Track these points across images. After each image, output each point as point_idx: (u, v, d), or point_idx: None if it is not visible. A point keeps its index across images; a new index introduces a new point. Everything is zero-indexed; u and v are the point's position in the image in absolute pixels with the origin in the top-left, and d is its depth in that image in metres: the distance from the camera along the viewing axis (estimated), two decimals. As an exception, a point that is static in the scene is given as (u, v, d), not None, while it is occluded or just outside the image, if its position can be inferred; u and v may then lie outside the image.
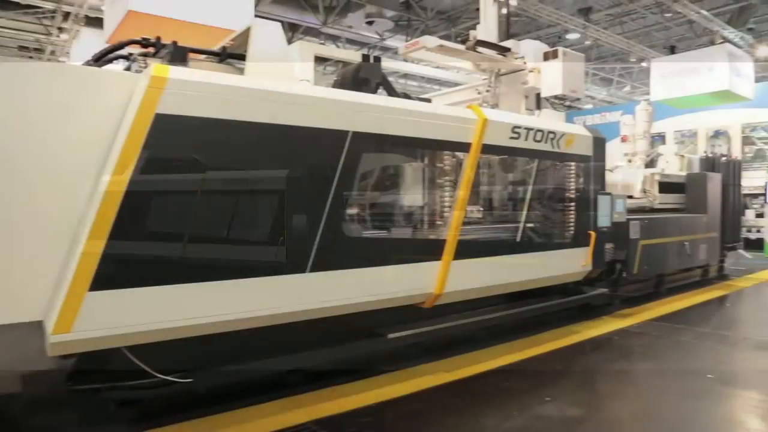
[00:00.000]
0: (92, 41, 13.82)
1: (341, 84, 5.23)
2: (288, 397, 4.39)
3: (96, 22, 14.56)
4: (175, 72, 3.67)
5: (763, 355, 5.75)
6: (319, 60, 6.16)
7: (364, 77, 5.20)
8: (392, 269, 4.81)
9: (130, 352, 3.69)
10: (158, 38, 4.49)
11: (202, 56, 4.85)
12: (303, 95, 4.25)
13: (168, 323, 3.64)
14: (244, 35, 4.72)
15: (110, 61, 4.44)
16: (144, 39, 4.49)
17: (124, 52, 4.48)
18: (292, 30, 19.44)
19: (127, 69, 4.27)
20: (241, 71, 4.63)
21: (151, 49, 4.48)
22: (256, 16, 8.42)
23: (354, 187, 4.88)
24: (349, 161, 4.47)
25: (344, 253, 4.51)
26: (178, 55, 4.24)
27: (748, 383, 4.97)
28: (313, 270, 4.27)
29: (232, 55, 4.88)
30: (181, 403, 4.14)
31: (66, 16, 15.72)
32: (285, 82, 4.30)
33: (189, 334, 3.81)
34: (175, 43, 4.31)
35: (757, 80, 19.06)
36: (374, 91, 5.28)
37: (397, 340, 5.04)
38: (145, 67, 3.92)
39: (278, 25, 4.69)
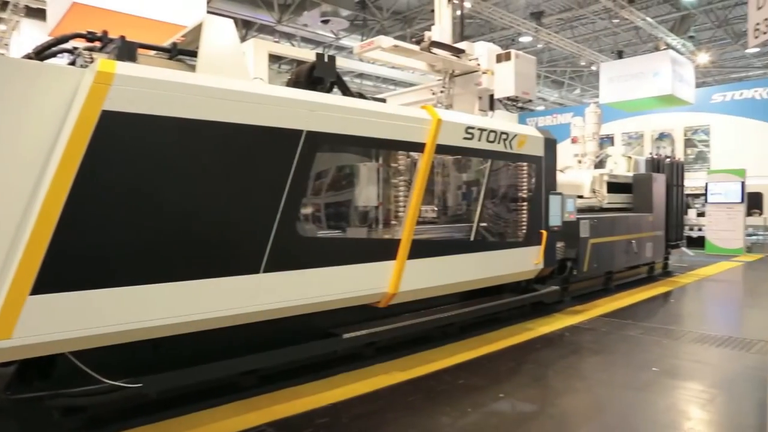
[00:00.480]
0: (33, 33, 13.31)
1: (295, 83, 5.18)
2: (242, 400, 4.33)
3: (38, 14, 14.02)
4: (123, 68, 3.56)
5: (703, 347, 5.97)
6: (274, 58, 6.09)
7: (318, 76, 5.15)
8: (347, 269, 4.79)
9: (76, 358, 3.56)
10: (105, 32, 4.34)
11: (152, 52, 4.72)
12: (256, 93, 4.18)
13: (116, 327, 3.53)
14: (196, 31, 4.61)
15: (53, 54, 4.27)
16: (90, 32, 4.33)
17: (68, 45, 4.31)
18: (246, 27, 19.19)
19: (72, 64, 4.11)
20: (192, 68, 4.52)
21: (97, 44, 4.32)
22: (208, 12, 8.27)
23: (308, 187, 4.83)
24: (303, 161, 4.43)
25: (299, 253, 4.47)
26: (126, 51, 4.10)
27: (690, 375, 5.15)
28: (266, 270, 4.21)
29: (183, 51, 4.77)
30: (131, 408, 4.02)
31: (4, 5, 15.07)
32: (238, 80, 4.22)
33: (138, 337, 3.70)
34: (122, 37, 4.17)
35: (698, 86, 19.85)
36: (329, 91, 5.24)
37: (353, 340, 5.02)
38: (91, 62, 3.79)
39: (231, 21, 4.60)
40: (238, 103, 4.05)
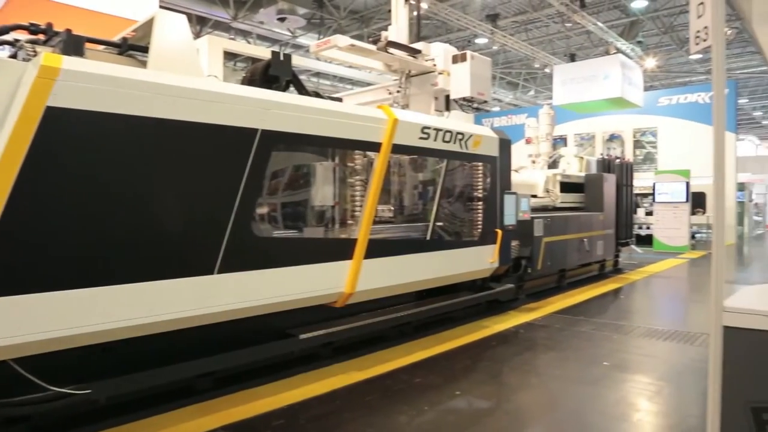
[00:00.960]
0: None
1: (250, 81, 5.12)
2: (198, 403, 4.24)
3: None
4: (69, 62, 3.44)
5: (651, 342, 6.17)
6: (229, 56, 6.00)
7: (274, 74, 5.10)
8: (303, 269, 4.76)
9: (18, 365, 3.42)
10: (49, 24, 4.19)
11: (101, 47, 4.58)
12: (210, 91, 4.11)
13: (61, 332, 3.41)
14: (147, 26, 4.50)
15: (-7, 46, 4.10)
16: (33, 24, 4.16)
17: (8, 37, 4.14)
18: (201, 24, 18.85)
19: (13, 57, 3.96)
20: (143, 64, 4.41)
21: (41, 36, 4.17)
22: (161, 6, 8.07)
23: (264, 187, 4.78)
24: (258, 160, 4.37)
25: (254, 254, 4.41)
26: (73, 44, 3.96)
27: (639, 368, 5.31)
28: (221, 271, 4.15)
29: (134, 47, 4.64)
30: (79, 416, 3.89)
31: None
32: (191, 78, 4.14)
33: (86, 342, 3.59)
34: (69, 30, 4.03)
35: (646, 89, 20.48)
36: (284, 89, 5.20)
37: (310, 340, 4.99)
38: (35, 56, 3.65)
39: (183, 17, 4.50)
40: (191, 101, 3.97)
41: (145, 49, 4.49)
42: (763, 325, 2.55)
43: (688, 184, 16.20)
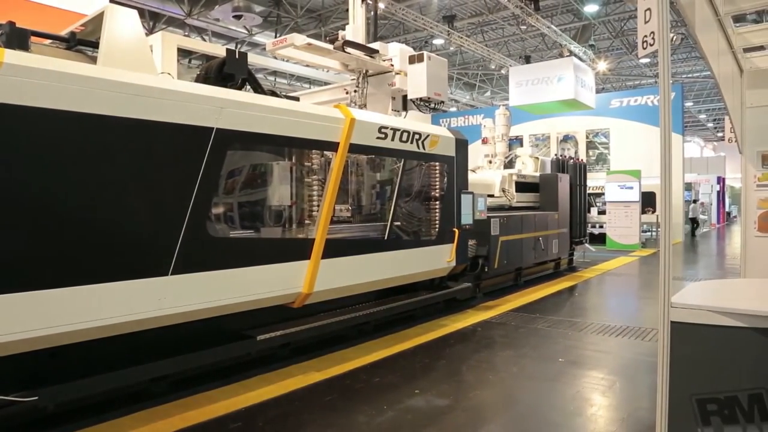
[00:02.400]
0: None
1: (205, 78, 5.04)
2: (151, 408, 4.15)
3: None
4: (12, 56, 3.32)
5: (604, 338, 6.34)
6: (183, 53, 5.89)
7: (229, 72, 5.04)
8: (260, 269, 4.72)
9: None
10: (-8, 19, 4.04)
11: (47, 41, 4.43)
12: (163, 89, 4.03)
13: (5, 336, 3.29)
14: (97, 21, 4.38)
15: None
16: (-26, 18, 4.02)
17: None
18: (154, 19, 18.44)
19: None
20: (93, 60, 4.30)
21: (-17, 31, 4.02)
22: (111, 1, 7.87)
23: (219, 186, 4.73)
24: (213, 159, 4.32)
25: (210, 254, 4.35)
26: (17, 38, 3.83)
27: (593, 364, 5.46)
28: (175, 272, 4.07)
29: (83, 41, 4.52)
30: (25, 424, 3.76)
31: None
32: (143, 75, 4.05)
33: (32, 347, 3.47)
34: (12, 23, 3.89)
35: (598, 91, 21.02)
36: (240, 88, 5.14)
37: (267, 341, 4.95)
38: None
39: (135, 12, 4.41)
40: (144, 99, 3.89)
41: (95, 45, 4.37)
42: (708, 319, 2.66)
43: (639, 184, 16.65)
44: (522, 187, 11.12)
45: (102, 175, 3.73)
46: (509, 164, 12.51)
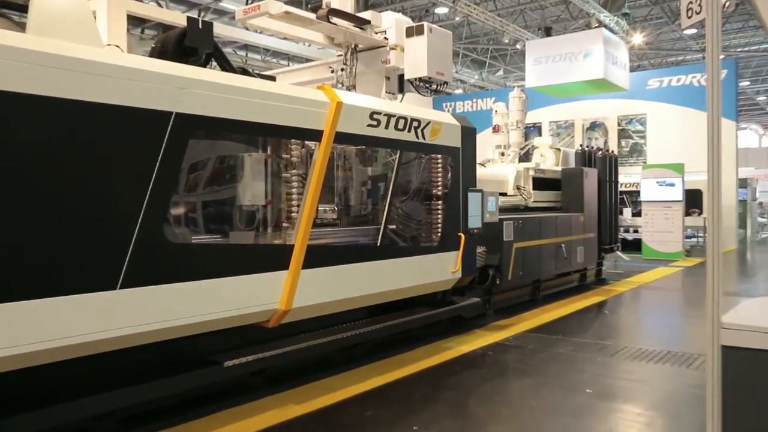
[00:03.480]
0: None
1: (161, 53, 5.01)
2: (93, 451, 4.13)
3: None
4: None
5: (641, 365, 6.35)
6: (134, 20, 5.86)
7: (190, 46, 5.02)
8: (229, 282, 4.70)
9: None
10: None
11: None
12: (109, 64, 4.00)
13: None
14: (27, -20, 4.36)
15: None
16: None
17: None
18: (100, -16, 18.35)
19: None
20: (21, 27, 4.26)
21: None
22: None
23: (180, 183, 4.71)
24: (172, 150, 4.30)
25: (167, 264, 4.33)
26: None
27: (627, 396, 5.46)
28: (125, 286, 4.04)
29: (6, 3, 4.48)
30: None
31: None
32: (84, 46, 4.02)
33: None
34: None
35: (632, 69, 21.11)
36: (204, 65, 5.13)
37: (237, 367, 4.92)
38: None
39: (75, -28, 4.38)
40: (85, 76, 3.85)
41: (23, 8, 4.34)
42: (767, 343, 2.64)
43: (682, 180, 16.61)
44: (541, 183, 11.14)
45: (33, 170, 3.68)
46: (525, 157, 12.54)
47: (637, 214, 18.31)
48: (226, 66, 5.32)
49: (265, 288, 5.02)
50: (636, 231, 17.95)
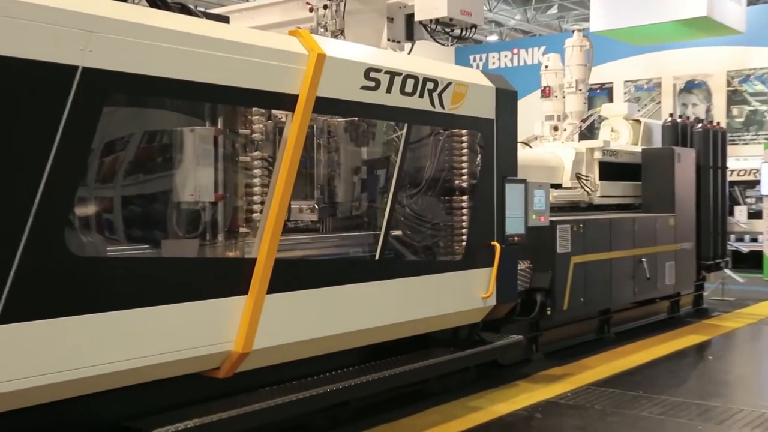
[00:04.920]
0: None
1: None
2: None
3: None
4: None
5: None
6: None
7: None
8: (161, 313, 4.72)
9: None
10: None
11: None
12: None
13: None
14: None
15: None
16: None
17: None
18: None
19: None
20: None
21: None
22: None
23: (89, 170, 4.72)
24: (78, 123, 4.30)
25: (69, 287, 4.34)
26: None
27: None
28: (7, 320, 4.08)
29: None
30: None
31: None
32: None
33: None
34: None
35: (750, 3, 20.95)
36: (125, -1, 5.15)
37: (169, 438, 4.97)
38: None
39: None
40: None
41: None
42: None
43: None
44: (611, 170, 11.14)
45: None
46: (589, 132, 12.53)
47: (755, 215, 18.18)
48: (157, 0, 5.34)
49: (214, 321, 5.04)
50: (754, 240, 17.84)
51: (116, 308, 4.52)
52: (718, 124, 13.89)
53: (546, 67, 12.76)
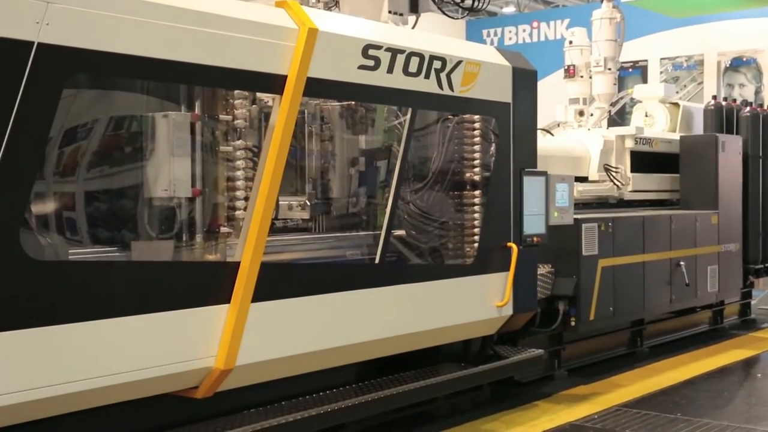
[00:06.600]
0: None
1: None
2: None
3: None
4: None
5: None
6: None
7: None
8: (130, 324, 4.73)
9: None
10: None
11: None
12: None
13: None
14: None
15: None
16: None
17: None
18: None
19: None
20: None
21: None
22: None
23: (47, 161, 4.73)
24: (34, 106, 4.32)
25: (23, 295, 4.34)
26: None
27: None
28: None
29: None
30: None
31: None
32: None
33: None
34: None
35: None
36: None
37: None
38: None
39: None
40: None
41: None
42: None
43: None
44: (645, 161, 11.14)
45: None
46: (619, 118, 12.51)
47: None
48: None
49: (192, 334, 5.05)
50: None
51: (78, 319, 4.52)
52: (769, 108, 13.81)
53: (570, 42, 12.74)
